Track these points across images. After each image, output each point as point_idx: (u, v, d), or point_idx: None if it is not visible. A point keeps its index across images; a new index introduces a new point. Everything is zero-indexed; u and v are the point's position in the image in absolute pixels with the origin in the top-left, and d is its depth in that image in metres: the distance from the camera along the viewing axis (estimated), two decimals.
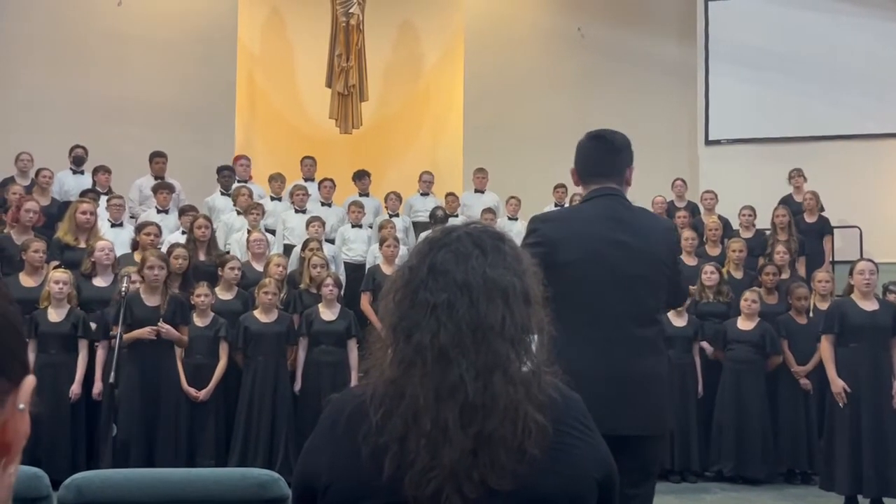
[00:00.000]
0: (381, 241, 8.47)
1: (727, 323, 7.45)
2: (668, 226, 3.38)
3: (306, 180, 10.39)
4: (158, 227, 8.01)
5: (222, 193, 9.91)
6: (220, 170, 10.06)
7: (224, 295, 7.36)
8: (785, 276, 8.33)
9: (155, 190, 9.55)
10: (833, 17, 11.08)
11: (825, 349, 6.50)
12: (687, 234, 8.56)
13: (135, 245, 7.92)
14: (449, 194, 10.70)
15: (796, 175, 10.08)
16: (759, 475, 7.31)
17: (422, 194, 10.79)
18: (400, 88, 13.34)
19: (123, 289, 6.25)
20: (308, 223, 8.87)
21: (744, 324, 7.45)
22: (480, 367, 1.48)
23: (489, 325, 1.50)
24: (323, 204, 9.99)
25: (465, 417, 1.46)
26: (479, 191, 10.89)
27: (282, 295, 7.36)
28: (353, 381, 6.91)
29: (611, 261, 3.00)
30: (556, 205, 10.04)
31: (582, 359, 2.86)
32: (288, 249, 9.01)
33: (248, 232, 8.48)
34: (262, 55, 13.23)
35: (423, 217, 10.25)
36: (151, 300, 6.44)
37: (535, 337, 1.60)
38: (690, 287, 7.29)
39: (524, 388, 1.50)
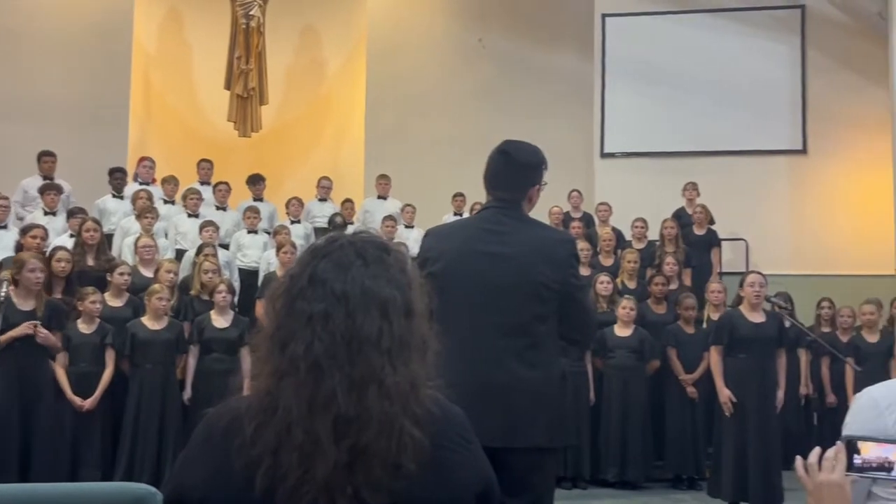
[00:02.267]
0: (278, 247, 8.35)
1: (605, 331, 7.60)
2: (559, 238, 3.27)
3: (202, 184, 10.17)
4: (45, 229, 7.71)
5: (114, 196, 9.61)
6: (111, 171, 9.74)
7: (113, 301, 7.13)
8: (673, 286, 8.56)
9: (42, 191, 9.19)
10: (723, 37, 11.45)
11: (714, 360, 6.69)
12: (581, 245, 8.69)
13: (18, 248, 7.60)
14: (346, 200, 10.64)
15: (690, 188, 10.35)
16: (642, 480, 7.49)
17: (320, 200, 10.69)
18: (301, 93, 13.21)
19: (2, 294, 5.99)
20: (201, 228, 8.67)
21: (622, 331, 7.62)
22: (355, 380, 1.45)
23: (365, 337, 1.47)
24: (218, 208, 9.79)
25: (338, 430, 1.43)
26: (382, 197, 10.86)
27: (172, 301, 7.17)
28: (246, 391, 6.77)
29: (476, 271, 3.02)
30: (454, 214, 10.08)
31: (445, 369, 2.88)
32: (180, 255, 8.78)
33: (140, 237, 8.24)
34: (159, 54, 12.91)
35: (322, 223, 10.16)
36: (26, 304, 6.19)
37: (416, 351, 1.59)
38: None
39: (401, 402, 1.47)
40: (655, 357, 7.67)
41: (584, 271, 8.41)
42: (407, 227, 10.12)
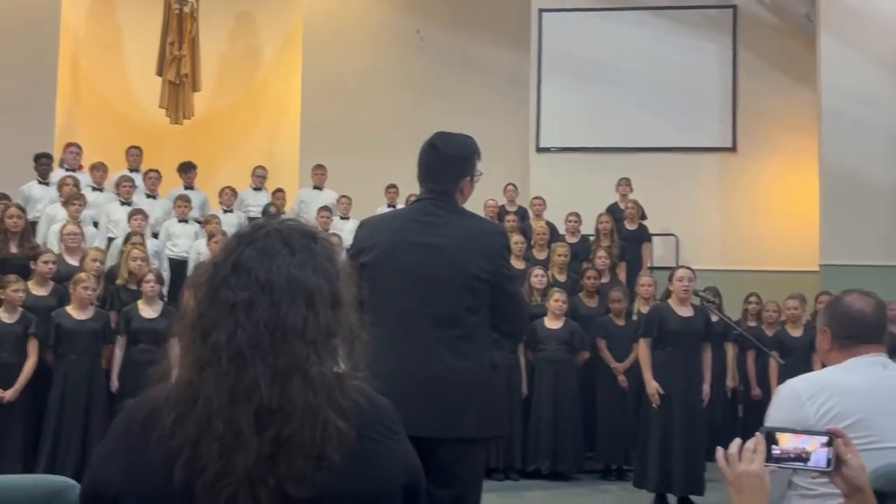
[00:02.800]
0: (209, 237, 8.23)
1: (536, 323, 7.67)
2: (491, 230, 3.27)
3: (131, 171, 9.96)
4: None
5: (39, 182, 9.35)
6: (37, 157, 9.48)
7: (37, 290, 6.94)
8: (605, 280, 8.66)
9: None
10: (657, 35, 11.60)
11: (643, 352, 6.79)
12: (515, 239, 8.77)
13: None
14: (277, 190, 10.54)
15: (623, 184, 10.48)
16: (573, 471, 7.58)
17: (254, 189, 10.57)
18: (235, 80, 13.02)
19: None
20: (130, 216, 8.50)
21: (552, 323, 7.70)
22: (278, 370, 1.42)
23: (289, 327, 1.45)
24: (148, 196, 9.60)
25: (260, 421, 1.40)
26: (318, 188, 10.77)
27: (98, 291, 7.01)
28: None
29: (408, 262, 3.02)
30: (388, 205, 10.05)
31: (376, 359, 2.88)
32: (112, 243, 8.60)
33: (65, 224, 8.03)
34: (88, 38, 12.59)
35: (256, 212, 10.04)
36: None
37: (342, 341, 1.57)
38: None
39: (326, 393, 1.45)
40: (586, 349, 7.76)
41: (518, 264, 8.47)
42: (342, 218, 10.05)
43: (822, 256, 9.81)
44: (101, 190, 9.52)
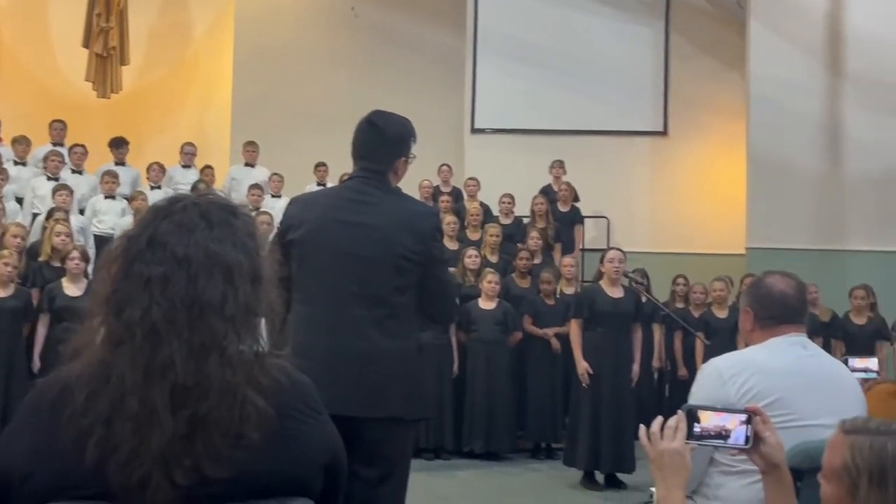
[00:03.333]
0: (135, 214, 8.05)
1: (469, 304, 7.69)
2: (423, 210, 3.28)
3: (55, 145, 9.68)
4: None
5: None
6: None
7: None
8: (538, 261, 8.72)
9: None
10: (593, 19, 11.66)
11: (574, 332, 6.86)
12: (449, 219, 8.77)
13: None
14: (206, 167, 10.36)
15: (557, 166, 10.54)
16: (507, 450, 7.64)
17: (183, 166, 10.37)
18: (165, 55, 12.72)
19: None
20: (55, 191, 8.26)
21: (486, 304, 7.73)
22: (195, 347, 1.39)
23: (207, 303, 1.41)
24: (73, 171, 9.34)
25: (176, 399, 1.37)
26: (250, 165, 10.61)
27: (20, 268, 6.81)
28: None
29: (337, 240, 3.00)
30: (318, 184, 9.96)
31: (303, 337, 2.88)
32: (35, 219, 8.36)
33: None
34: (10, 8, 12.18)
35: (185, 189, 9.82)
36: None
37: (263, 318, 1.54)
38: (451, 269, 7.46)
39: (244, 371, 1.43)
40: (518, 329, 7.81)
41: (451, 245, 8.47)
42: (274, 196, 9.92)
43: (748, 240, 10.00)
44: (23, 164, 9.23)
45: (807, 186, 9.88)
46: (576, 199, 10.31)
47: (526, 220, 9.75)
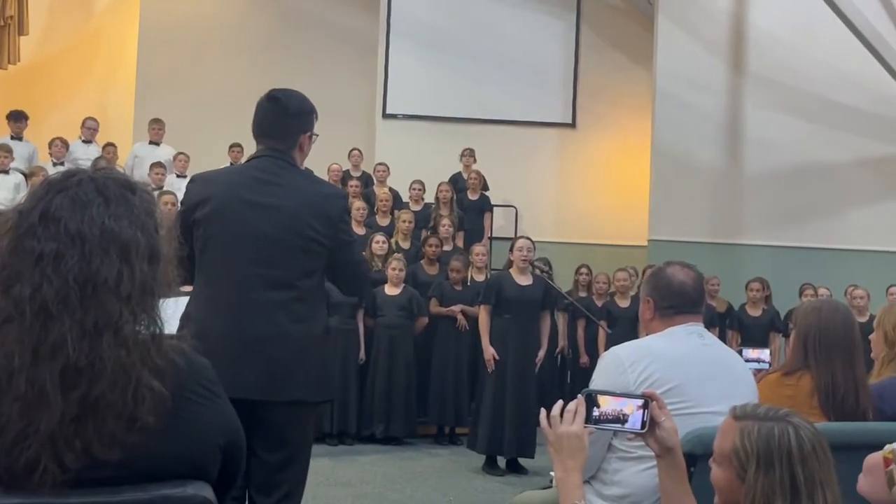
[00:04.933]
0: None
1: (375, 290, 7.69)
2: (331, 192, 3.22)
3: None
4: None
5: None
6: None
7: None
8: (448, 248, 8.75)
9: None
10: (505, 8, 11.72)
11: (482, 318, 6.90)
12: (358, 205, 8.72)
13: None
14: (108, 144, 10.06)
15: (467, 154, 10.57)
16: (406, 434, 7.67)
17: (84, 142, 10.03)
18: (67, 26, 12.28)
19: None
20: None
21: (391, 290, 7.73)
22: (88, 327, 1.34)
23: (101, 281, 1.37)
24: None
25: (66, 380, 1.32)
26: (155, 143, 10.33)
27: None
28: None
29: (244, 221, 2.94)
30: (230, 164, 9.78)
31: (206, 318, 2.84)
32: None
33: None
34: None
35: (86, 166, 9.51)
36: None
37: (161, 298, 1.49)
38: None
39: (139, 352, 1.39)
40: (424, 315, 7.83)
41: (359, 230, 8.43)
42: (179, 176, 9.69)
43: (650, 232, 10.24)
44: None
45: (708, 182, 10.15)
46: (485, 187, 10.37)
47: (433, 207, 9.76)
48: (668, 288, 2.73)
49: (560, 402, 2.06)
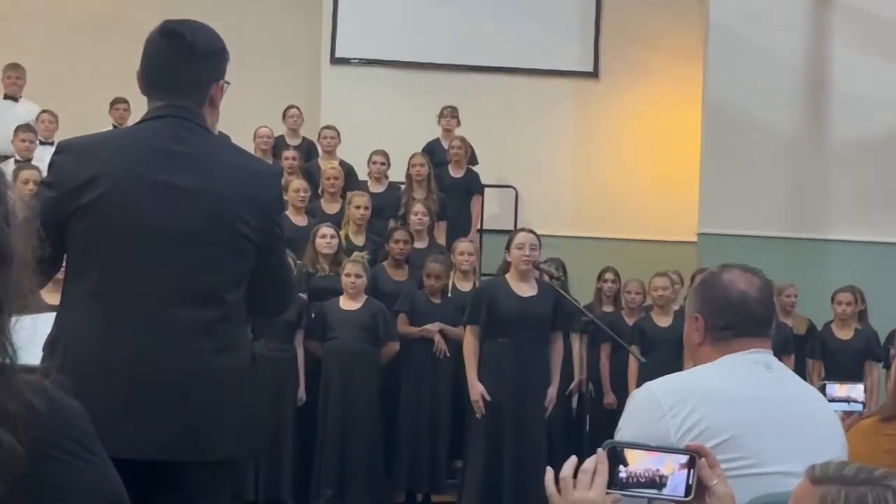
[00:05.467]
0: None
1: (326, 304, 7.67)
2: (264, 170, 3.25)
3: None
4: None
5: None
6: None
7: None
8: (420, 244, 8.71)
9: None
10: None
11: (467, 344, 6.91)
12: (297, 184, 8.70)
13: None
14: None
15: (448, 115, 10.55)
16: None
17: None
18: None
19: None
20: None
21: (348, 303, 7.71)
22: None
23: None
24: None
25: None
26: (12, 98, 10.27)
27: None
28: None
29: (147, 210, 2.90)
30: (114, 127, 9.71)
31: (86, 347, 2.81)
32: None
33: None
34: None
35: None
36: None
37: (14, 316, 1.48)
38: (293, 259, 7.39)
39: None
40: (394, 338, 7.78)
41: (299, 220, 8.44)
42: (44, 143, 9.60)
43: (701, 223, 10.23)
44: None
45: (780, 153, 10.15)
46: (473, 160, 10.38)
47: (402, 188, 9.78)
48: (725, 301, 2.74)
49: (574, 459, 2.05)
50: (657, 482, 2.06)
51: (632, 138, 11.73)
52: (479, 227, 10.28)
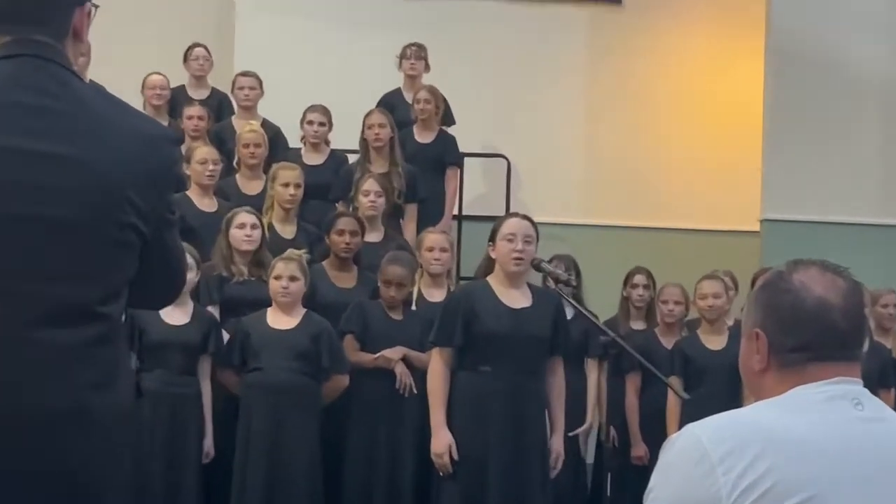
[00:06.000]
0: None
1: (245, 321, 7.69)
2: (157, 134, 3.18)
3: None
4: None
5: None
6: None
7: None
8: (374, 237, 8.71)
9: None
10: None
11: (434, 374, 6.88)
12: (204, 154, 8.67)
13: None
14: None
15: (412, 55, 10.64)
16: None
17: None
18: None
19: None
20: None
21: (277, 319, 7.74)
22: None
23: None
24: None
25: None
26: None
27: None
28: None
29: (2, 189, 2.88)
30: None
31: None
32: None
33: None
34: None
35: None
36: None
37: None
38: (196, 259, 7.38)
39: None
40: (341, 369, 7.75)
41: (206, 203, 8.42)
42: None
43: (765, 207, 10.26)
44: None
45: (876, 109, 10.21)
46: (447, 119, 10.42)
47: (354, 159, 9.81)
48: (796, 311, 2.72)
49: None
50: None
51: (668, 90, 11.77)
52: (456, 212, 10.29)
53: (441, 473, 6.77)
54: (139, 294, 3.11)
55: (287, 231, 8.74)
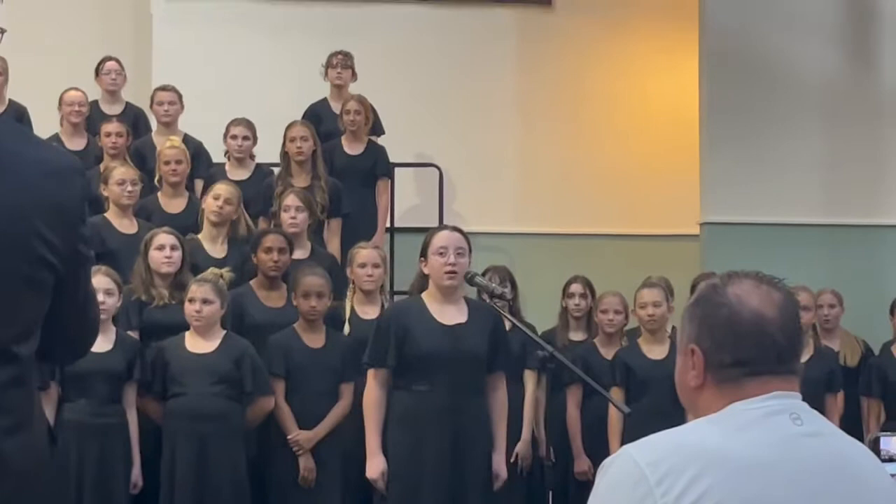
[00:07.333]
0: None
1: (165, 346, 7.66)
2: (66, 165, 3.13)
3: None
4: None
5: None
6: None
7: None
8: (300, 254, 8.67)
9: None
10: None
11: (370, 396, 6.86)
12: (122, 174, 8.64)
13: None
14: None
15: (339, 64, 10.66)
16: None
17: None
18: None
19: None
20: None
21: (197, 343, 7.71)
22: None
23: None
24: None
25: None
26: None
27: None
28: None
29: None
30: None
31: None
32: None
33: None
34: None
35: None
36: None
37: None
38: (118, 283, 7.34)
39: None
40: (266, 392, 7.74)
41: (125, 224, 8.38)
42: None
43: (704, 209, 10.29)
44: None
45: (816, 109, 10.25)
46: (377, 129, 10.42)
47: (275, 172, 9.85)
48: (731, 327, 2.72)
49: None
50: None
51: (602, 93, 11.81)
52: (388, 226, 10.28)
53: (377, 492, 6.77)
54: (52, 341, 3.07)
55: (217, 250, 8.71)
